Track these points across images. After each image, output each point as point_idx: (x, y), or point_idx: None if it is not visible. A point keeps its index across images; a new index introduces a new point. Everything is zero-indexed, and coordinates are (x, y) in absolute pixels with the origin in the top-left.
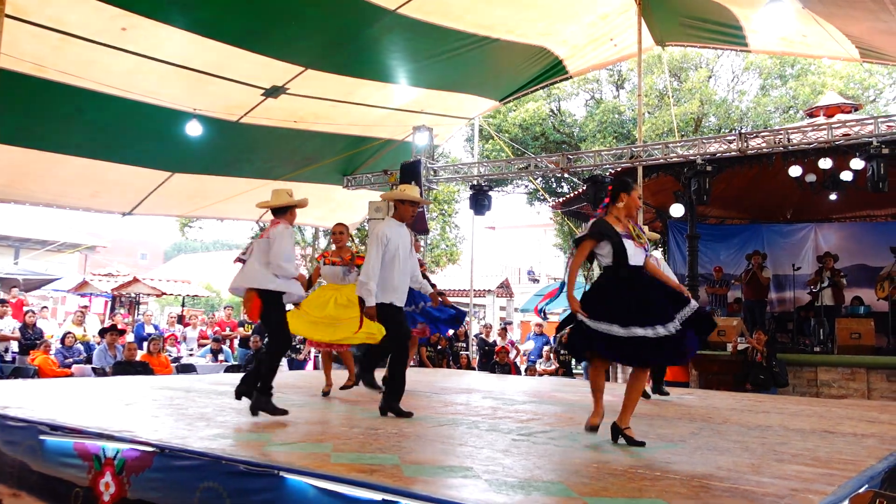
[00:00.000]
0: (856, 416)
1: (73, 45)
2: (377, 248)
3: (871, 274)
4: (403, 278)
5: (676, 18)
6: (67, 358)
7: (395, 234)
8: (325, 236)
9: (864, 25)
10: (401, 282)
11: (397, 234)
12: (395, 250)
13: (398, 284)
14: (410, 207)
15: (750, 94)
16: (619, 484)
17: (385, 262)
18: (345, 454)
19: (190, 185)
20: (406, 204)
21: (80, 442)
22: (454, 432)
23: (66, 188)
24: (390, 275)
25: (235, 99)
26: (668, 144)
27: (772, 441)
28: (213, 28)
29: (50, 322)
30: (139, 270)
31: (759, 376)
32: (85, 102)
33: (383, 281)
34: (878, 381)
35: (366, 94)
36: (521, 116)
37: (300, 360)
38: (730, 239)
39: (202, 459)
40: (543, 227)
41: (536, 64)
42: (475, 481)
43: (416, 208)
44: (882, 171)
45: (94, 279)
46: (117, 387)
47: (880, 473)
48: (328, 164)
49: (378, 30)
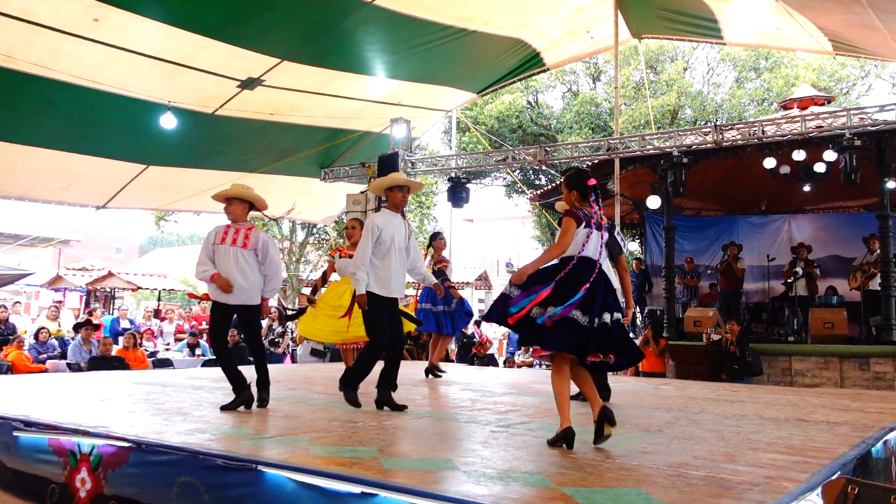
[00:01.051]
0: (829, 405)
1: (43, 35)
2: (369, 239)
3: (845, 264)
4: (399, 270)
5: (653, 11)
6: (41, 353)
7: (389, 224)
8: (303, 230)
9: (836, 18)
10: (395, 273)
11: (391, 225)
12: (390, 241)
13: (392, 276)
14: (400, 193)
15: (725, 86)
16: (596, 474)
17: (379, 253)
18: (324, 447)
19: (165, 177)
20: (395, 190)
21: (55, 438)
22: (433, 425)
23: (37, 181)
24: (384, 266)
25: (211, 91)
26: (645, 137)
27: (747, 430)
28: (187, 19)
29: (23, 317)
30: (114, 264)
31: (734, 366)
32: (56, 94)
33: (375, 272)
34: (850, 370)
35: (343, 86)
36: (498, 108)
37: (278, 353)
38: (706, 230)
39: (179, 454)
40: (521, 219)
41: (514, 56)
42: (454, 473)
43: (407, 193)
44: (854, 163)
45: (69, 274)
46: (92, 382)
47: (852, 460)
48: (305, 156)
49: (355, 21)
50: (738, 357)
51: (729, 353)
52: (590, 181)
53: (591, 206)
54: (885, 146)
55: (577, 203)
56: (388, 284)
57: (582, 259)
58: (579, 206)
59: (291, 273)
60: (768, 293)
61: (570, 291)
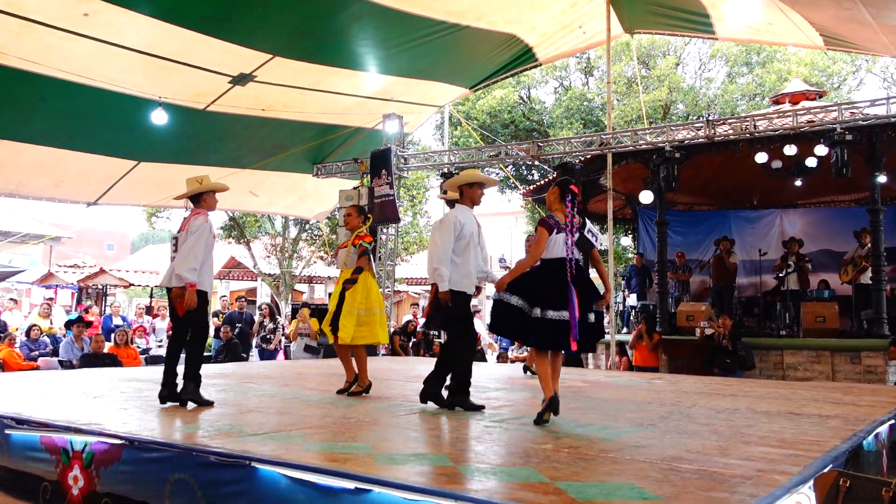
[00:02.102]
0: (820, 398)
1: (33, 31)
2: (451, 234)
3: (836, 258)
4: (476, 266)
5: (645, 6)
6: (33, 351)
7: (469, 220)
8: (296, 226)
9: (827, 13)
10: (473, 269)
11: (470, 221)
12: (469, 237)
13: (471, 271)
14: (479, 190)
15: (717, 81)
16: (590, 468)
17: (459, 249)
18: (317, 443)
19: (157, 174)
20: (475, 187)
21: (48, 436)
22: (427, 420)
23: (28, 177)
24: (464, 262)
25: (202, 86)
26: (637, 132)
27: (739, 423)
28: (177, 14)
29: (14, 315)
30: (106, 261)
31: (726, 360)
32: (47, 90)
33: (457, 268)
34: (841, 364)
35: (335, 81)
36: (490, 104)
37: (270, 349)
38: (698, 225)
39: (172, 451)
40: (514, 214)
41: (506, 51)
42: (448, 468)
43: (483, 190)
44: (845, 158)
45: (60, 271)
46: (85, 379)
47: (844, 453)
48: (298, 152)
49: (347, 17)
50: (731, 351)
51: (721, 348)
52: (572, 186)
53: (565, 207)
54: (876, 141)
55: (555, 202)
56: (469, 279)
57: (554, 260)
58: (555, 208)
59: (284, 269)
60: (760, 287)
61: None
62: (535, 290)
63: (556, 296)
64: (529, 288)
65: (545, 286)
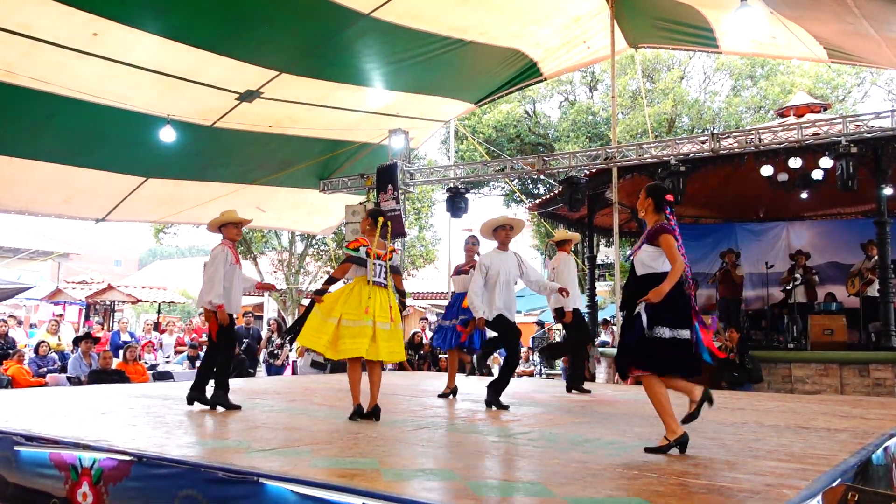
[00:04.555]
0: (829, 412)
1: (43, 50)
2: (479, 275)
3: (843, 271)
4: (509, 298)
5: (649, 21)
6: (41, 367)
7: (496, 262)
8: (302, 241)
9: (830, 27)
10: (505, 301)
11: (497, 262)
12: (496, 276)
13: (504, 304)
14: (503, 232)
15: (721, 94)
16: (598, 483)
17: (488, 286)
18: (325, 459)
19: (164, 190)
20: (498, 230)
21: (57, 452)
22: (434, 435)
23: (37, 195)
24: (492, 297)
25: (210, 103)
26: (643, 145)
27: (747, 437)
28: (185, 33)
29: (17, 331)
30: (114, 277)
31: (734, 373)
32: (56, 108)
33: (490, 301)
34: (850, 377)
35: (341, 97)
36: (496, 118)
37: (277, 365)
38: (704, 238)
39: (181, 467)
40: None
41: (511, 66)
42: (455, 484)
43: (511, 231)
44: (851, 170)
45: (68, 287)
46: (93, 396)
47: (853, 467)
48: (304, 168)
49: (352, 34)
50: (738, 364)
51: (729, 361)
52: (668, 196)
53: (669, 220)
54: (882, 153)
55: (651, 211)
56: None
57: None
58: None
59: (291, 285)
60: (767, 300)
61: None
62: (670, 309)
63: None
64: (667, 310)
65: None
